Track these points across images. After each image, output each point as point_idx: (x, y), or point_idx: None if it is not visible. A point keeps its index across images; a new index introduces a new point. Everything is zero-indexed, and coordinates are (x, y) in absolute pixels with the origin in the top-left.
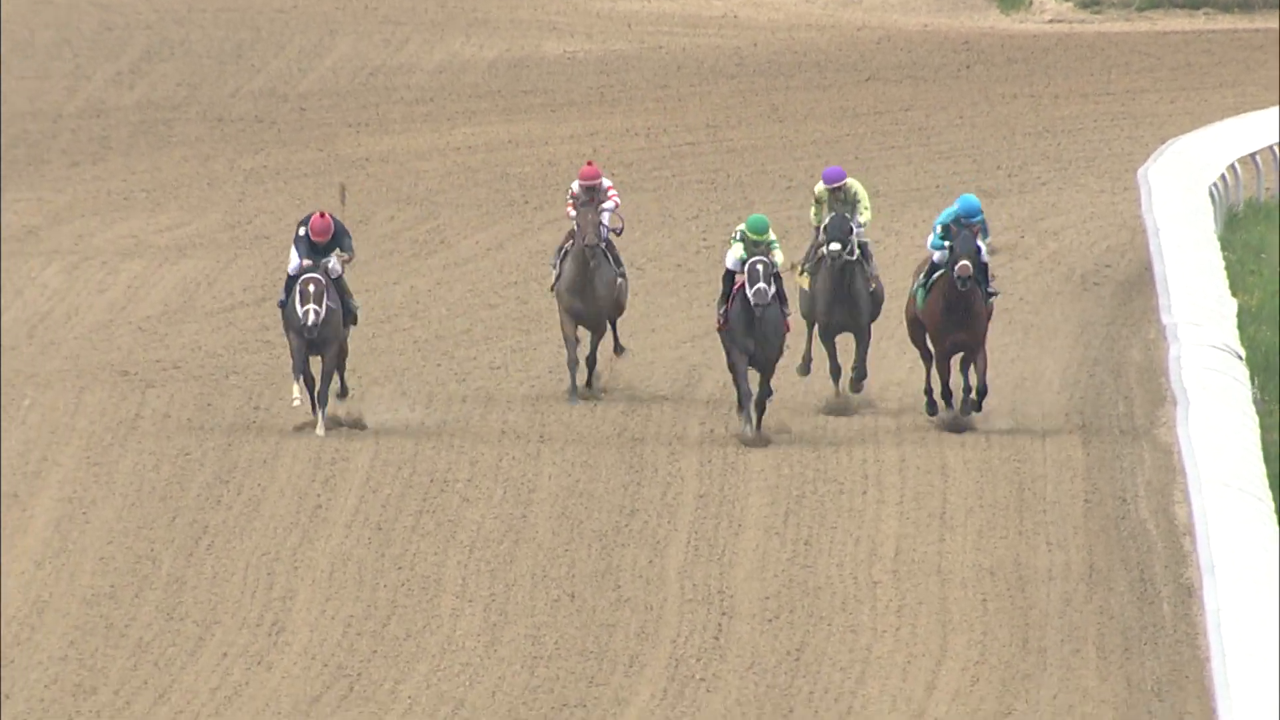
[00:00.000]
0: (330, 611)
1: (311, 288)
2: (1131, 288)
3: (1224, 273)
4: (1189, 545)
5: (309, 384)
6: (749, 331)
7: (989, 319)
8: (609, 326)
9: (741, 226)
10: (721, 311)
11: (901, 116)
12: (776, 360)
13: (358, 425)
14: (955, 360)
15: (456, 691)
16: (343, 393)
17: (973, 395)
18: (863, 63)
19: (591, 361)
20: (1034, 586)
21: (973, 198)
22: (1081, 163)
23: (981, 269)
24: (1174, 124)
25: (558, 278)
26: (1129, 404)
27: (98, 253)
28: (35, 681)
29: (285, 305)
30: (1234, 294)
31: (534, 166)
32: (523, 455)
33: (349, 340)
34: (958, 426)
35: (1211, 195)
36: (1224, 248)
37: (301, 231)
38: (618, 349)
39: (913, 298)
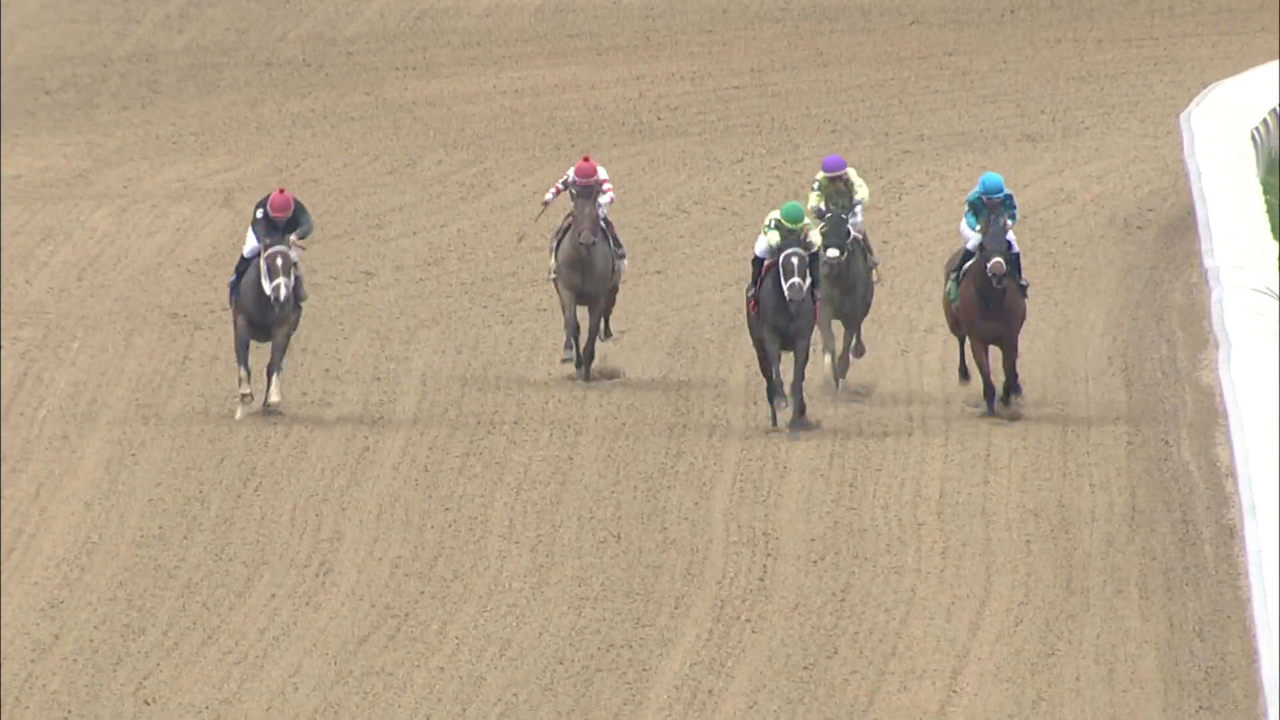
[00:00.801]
0: (378, 552)
1: (279, 261)
2: (1174, 231)
3: (1266, 216)
4: (1231, 487)
5: (242, 374)
6: (780, 315)
7: (1024, 317)
8: (604, 312)
9: (776, 214)
10: (751, 295)
11: (945, 61)
12: (808, 343)
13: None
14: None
15: (503, 632)
16: (278, 369)
17: (1000, 392)
18: (907, 7)
19: (589, 354)
20: (1077, 528)
21: (995, 176)
22: (1124, 107)
23: (1014, 260)
24: (1216, 69)
25: (556, 258)
26: (1171, 347)
27: (147, 196)
28: (85, 622)
29: (236, 286)
30: (1275, 237)
31: (580, 111)
32: (569, 398)
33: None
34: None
35: (1253, 139)
36: (1265, 191)
37: (260, 213)
38: (606, 333)
39: (946, 295)
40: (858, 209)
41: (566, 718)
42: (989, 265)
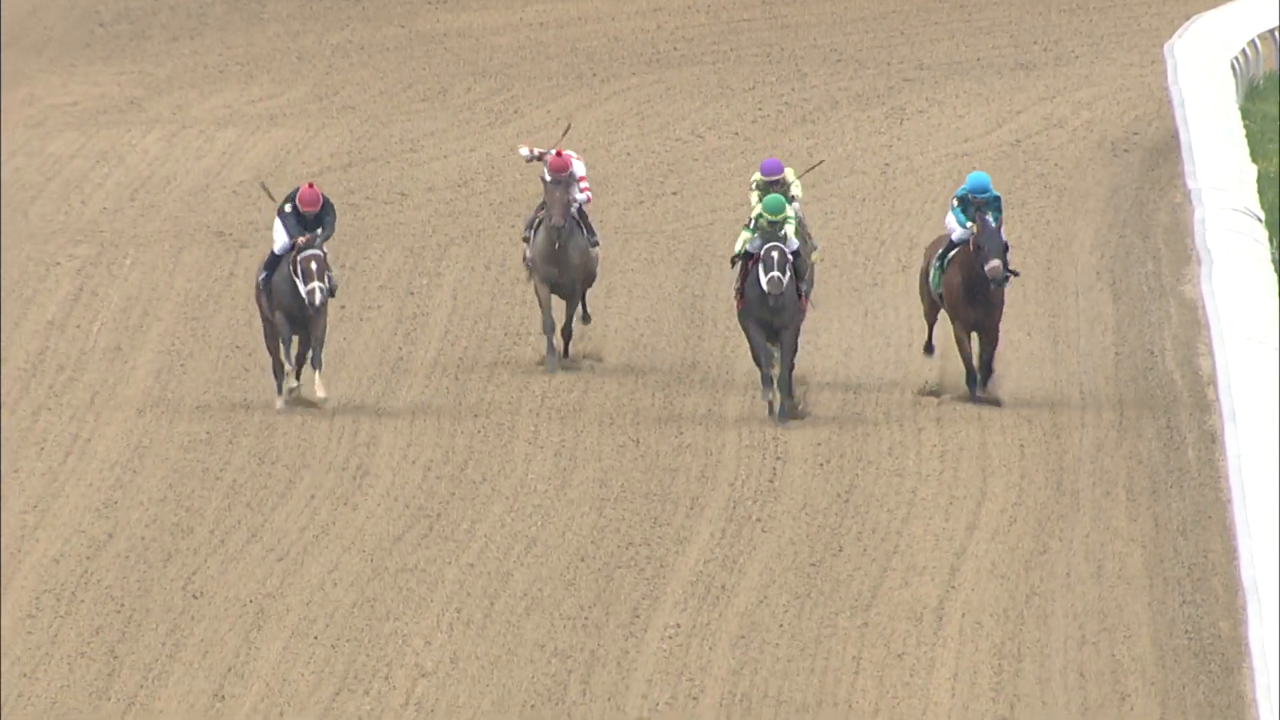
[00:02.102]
0: (411, 456)
1: (314, 265)
2: (1158, 155)
3: (1244, 141)
4: (1212, 394)
5: (280, 364)
6: (764, 308)
7: (1003, 306)
8: (580, 298)
9: (758, 208)
10: (737, 289)
11: None
12: (796, 336)
13: None
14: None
15: (529, 531)
16: (318, 365)
17: (980, 374)
18: None
19: (567, 334)
20: (1068, 433)
21: (982, 175)
22: (1112, 38)
23: (1003, 251)
24: (1198, 1)
25: (531, 249)
26: (1156, 263)
27: (195, 122)
28: (136, 521)
29: (267, 283)
30: (1254, 161)
31: (600, 41)
32: (590, 309)
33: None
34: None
35: (1233, 68)
36: (1244, 118)
37: (288, 207)
38: (585, 318)
39: (925, 276)
40: (793, 195)
41: (588, 611)
42: (987, 269)
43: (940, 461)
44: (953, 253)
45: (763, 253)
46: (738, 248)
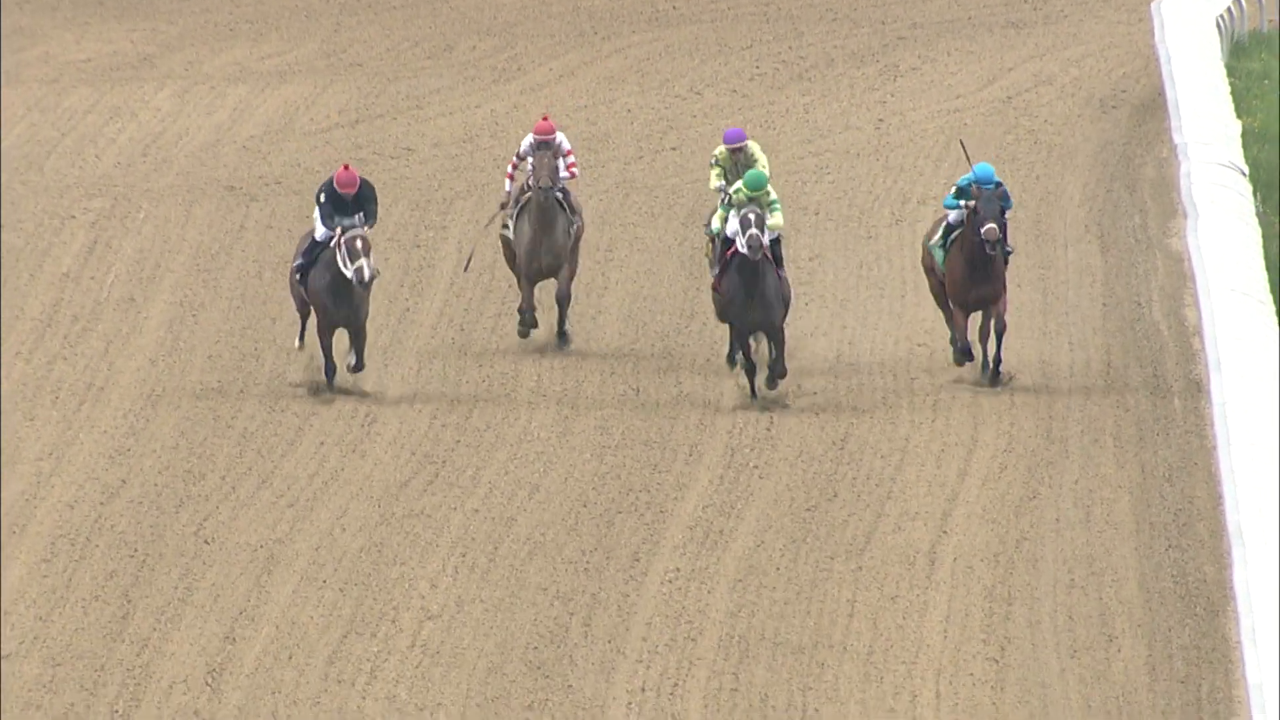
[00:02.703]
0: (417, 405)
1: (359, 244)
2: (1145, 111)
3: (1229, 97)
4: (1198, 344)
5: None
6: (748, 297)
7: (1005, 286)
8: (563, 300)
9: (738, 184)
10: (715, 277)
11: None
12: (782, 323)
13: None
14: (974, 325)
15: (531, 477)
16: (358, 366)
17: (990, 363)
18: None
19: (563, 319)
20: (1057, 382)
21: (988, 166)
22: None
23: (1001, 228)
24: None
25: (513, 233)
26: (1143, 216)
27: (206, 78)
28: (150, 468)
29: (303, 270)
30: (1238, 116)
31: (602, 0)
32: (592, 263)
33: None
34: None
35: (1218, 26)
36: (1229, 74)
37: (323, 195)
38: (563, 338)
39: (929, 252)
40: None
41: (589, 556)
42: (983, 230)
43: (932, 410)
44: (955, 233)
45: (740, 215)
46: (714, 225)
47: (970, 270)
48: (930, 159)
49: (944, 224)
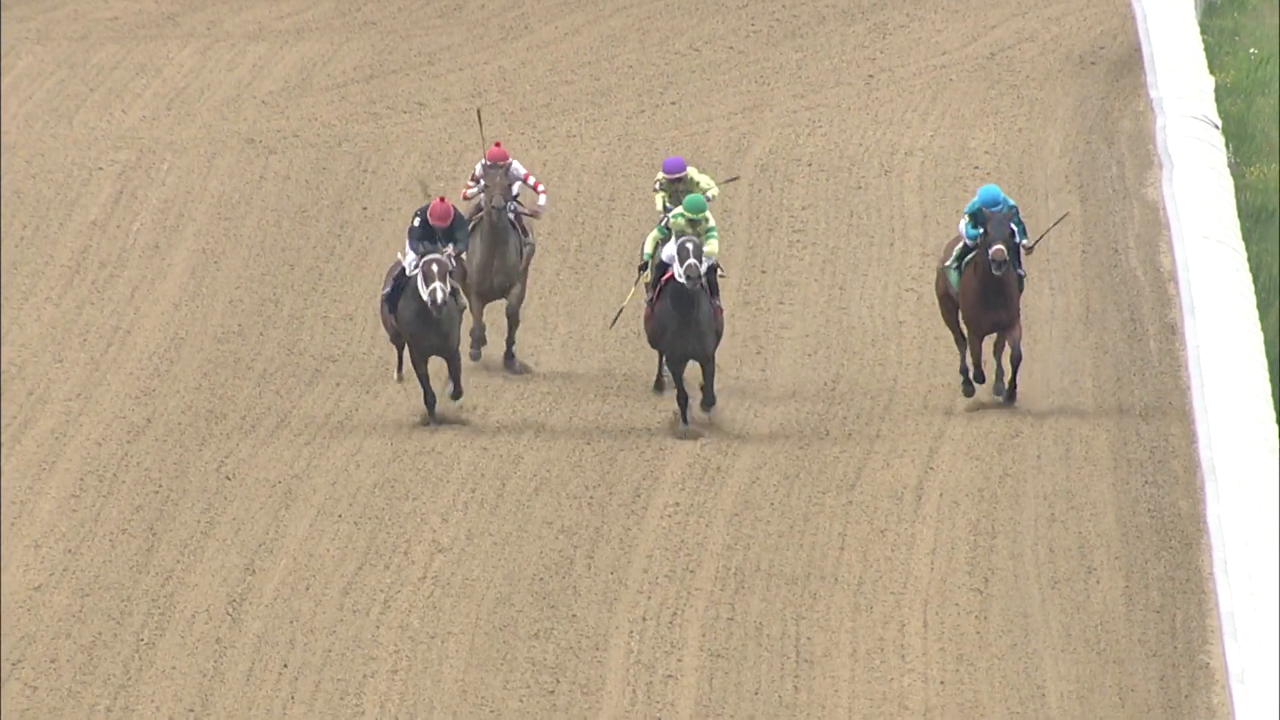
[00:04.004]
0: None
1: (435, 267)
2: (1122, 66)
3: (1203, 54)
4: (1172, 290)
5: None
6: (682, 325)
7: (1019, 310)
8: (513, 318)
9: (678, 209)
10: (649, 303)
11: None
12: (713, 351)
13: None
14: (989, 342)
15: (538, 417)
16: (456, 393)
17: (1005, 383)
18: None
19: (511, 341)
20: (1038, 326)
21: (993, 187)
22: None
23: (1013, 250)
24: None
25: (467, 248)
26: (1120, 167)
27: (227, 36)
28: (173, 408)
29: (391, 299)
30: (1211, 72)
31: None
32: (595, 213)
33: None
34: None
35: None
36: (1203, 32)
37: (417, 221)
38: (510, 351)
39: (943, 274)
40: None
41: (593, 491)
42: (990, 251)
43: (919, 352)
44: (969, 256)
45: (679, 245)
46: (647, 249)
47: (984, 294)
48: (918, 113)
49: (959, 245)
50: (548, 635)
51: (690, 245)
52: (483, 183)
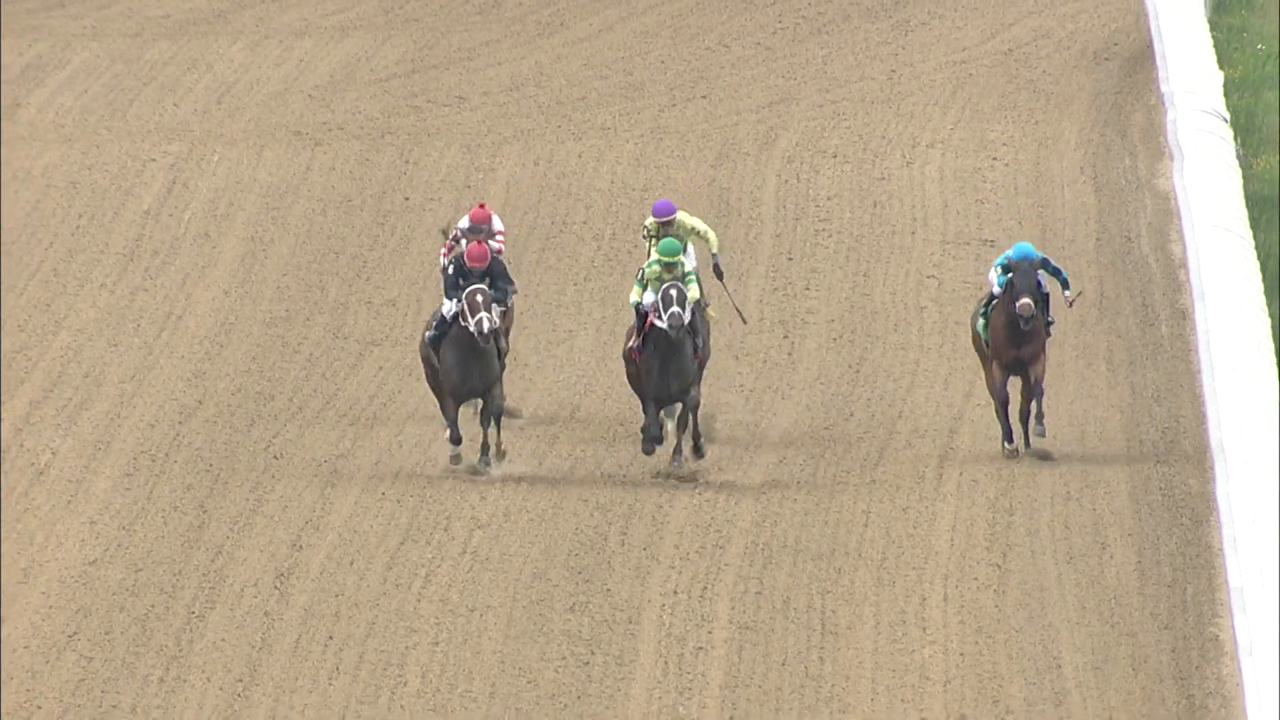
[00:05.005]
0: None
1: (480, 297)
2: (1135, 62)
3: (1212, 50)
4: (1183, 276)
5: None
6: (664, 370)
7: (1045, 351)
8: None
9: (654, 257)
10: (635, 346)
11: None
12: (693, 390)
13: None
14: (1014, 388)
15: (573, 399)
16: (495, 420)
17: (1033, 421)
18: None
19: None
20: (1054, 310)
21: (1026, 245)
22: None
23: (1043, 300)
24: None
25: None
26: (1133, 159)
27: (275, 33)
28: (223, 390)
29: (435, 342)
30: (1220, 68)
31: None
32: (629, 202)
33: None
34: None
35: None
36: (1212, 29)
37: (451, 268)
38: (495, 415)
39: (977, 335)
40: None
41: (626, 469)
42: (1017, 306)
43: (940, 336)
44: (995, 301)
45: (661, 292)
46: (634, 298)
47: (1011, 332)
48: (938, 106)
49: (988, 295)
50: (583, 609)
51: (674, 292)
52: (464, 243)
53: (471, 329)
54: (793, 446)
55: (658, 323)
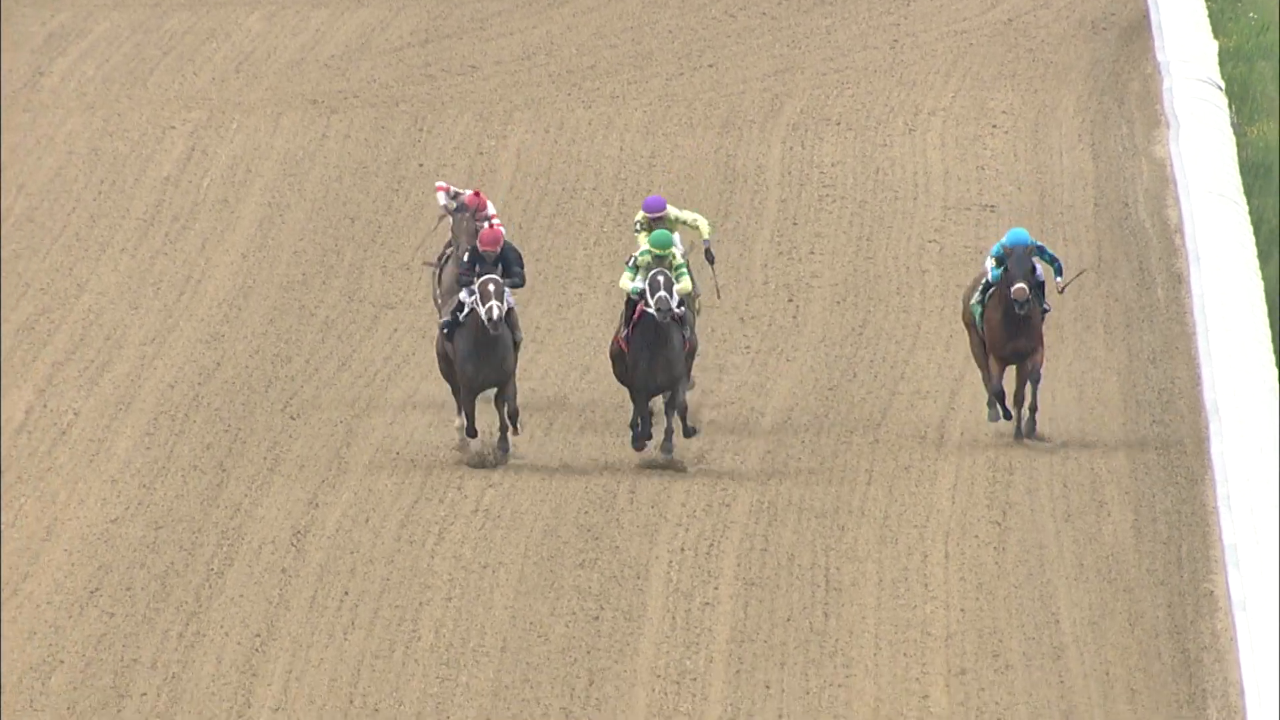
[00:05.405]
0: None
1: (491, 286)
2: (1132, 32)
3: (1207, 20)
4: (1179, 241)
5: (473, 427)
6: (652, 360)
7: (1042, 341)
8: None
9: (645, 247)
10: (624, 335)
11: None
12: (681, 380)
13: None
14: (1011, 376)
15: (582, 360)
16: (513, 430)
17: (1025, 411)
18: None
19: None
20: (1050, 297)
21: (1021, 231)
22: None
23: (1038, 286)
24: None
25: (438, 285)
26: (1130, 126)
27: (291, 3)
28: (241, 352)
29: (451, 332)
30: (1215, 37)
31: None
32: (637, 168)
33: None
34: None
35: None
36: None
37: (466, 256)
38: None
39: (969, 310)
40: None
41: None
42: (1012, 290)
43: (941, 299)
44: (992, 289)
45: (649, 278)
46: (624, 284)
47: (1007, 323)
48: (940, 75)
49: (983, 281)
50: (592, 565)
51: (661, 278)
52: (452, 233)
53: (482, 315)
54: (797, 407)
55: (647, 309)
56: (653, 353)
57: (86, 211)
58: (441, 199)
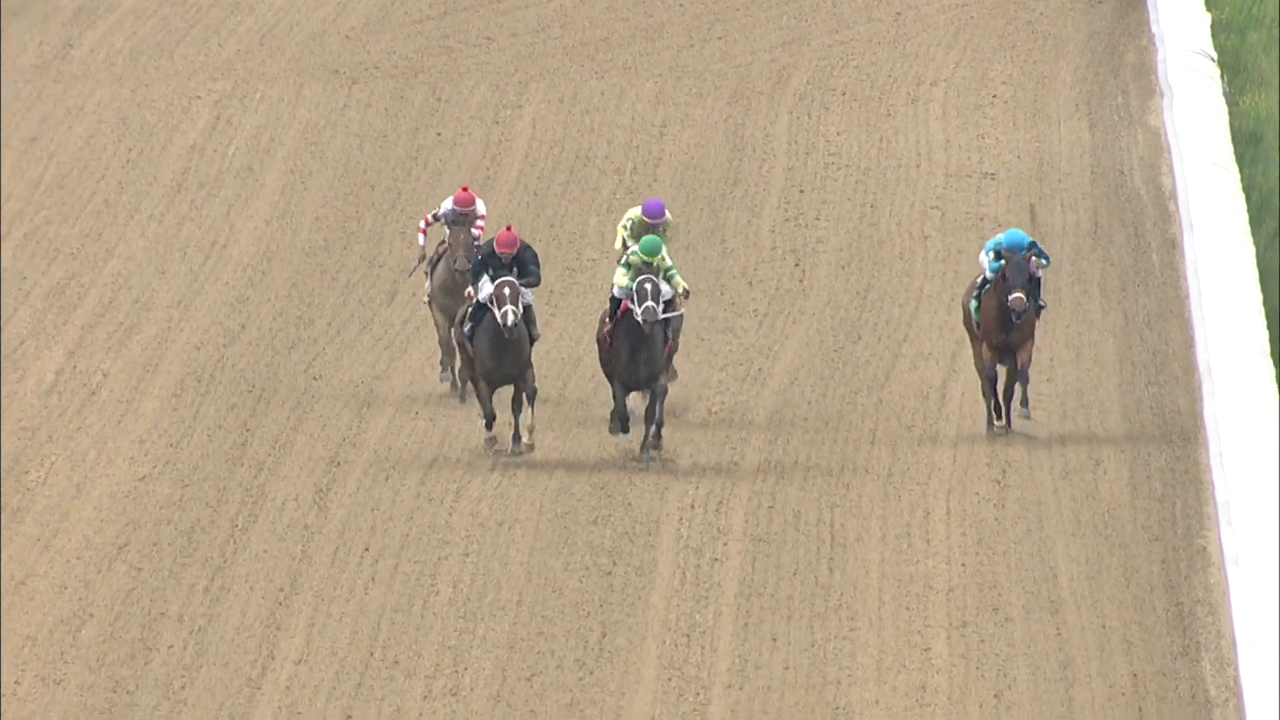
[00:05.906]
0: None
1: (507, 290)
2: (1128, 4)
3: None
4: (1173, 207)
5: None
6: (634, 357)
7: (1033, 336)
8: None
9: (634, 248)
10: (607, 332)
11: None
12: (661, 378)
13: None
14: (1003, 375)
15: (594, 322)
16: (530, 400)
17: (1016, 402)
18: None
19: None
20: (1051, 239)
21: (1018, 232)
22: None
23: (1034, 285)
24: None
25: (431, 282)
26: (1126, 96)
27: None
28: (265, 314)
29: (472, 333)
30: (1208, 10)
31: None
32: (648, 137)
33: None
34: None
35: None
36: None
37: (481, 257)
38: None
39: (967, 313)
40: (673, 277)
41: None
42: (1010, 299)
43: (943, 264)
44: (988, 286)
45: (636, 284)
46: (617, 280)
47: (1002, 319)
48: (941, 46)
49: (980, 278)
50: (605, 522)
51: (649, 286)
52: (446, 234)
53: (498, 319)
54: (804, 369)
55: (634, 311)
56: (634, 351)
57: (115, 179)
58: (421, 241)
